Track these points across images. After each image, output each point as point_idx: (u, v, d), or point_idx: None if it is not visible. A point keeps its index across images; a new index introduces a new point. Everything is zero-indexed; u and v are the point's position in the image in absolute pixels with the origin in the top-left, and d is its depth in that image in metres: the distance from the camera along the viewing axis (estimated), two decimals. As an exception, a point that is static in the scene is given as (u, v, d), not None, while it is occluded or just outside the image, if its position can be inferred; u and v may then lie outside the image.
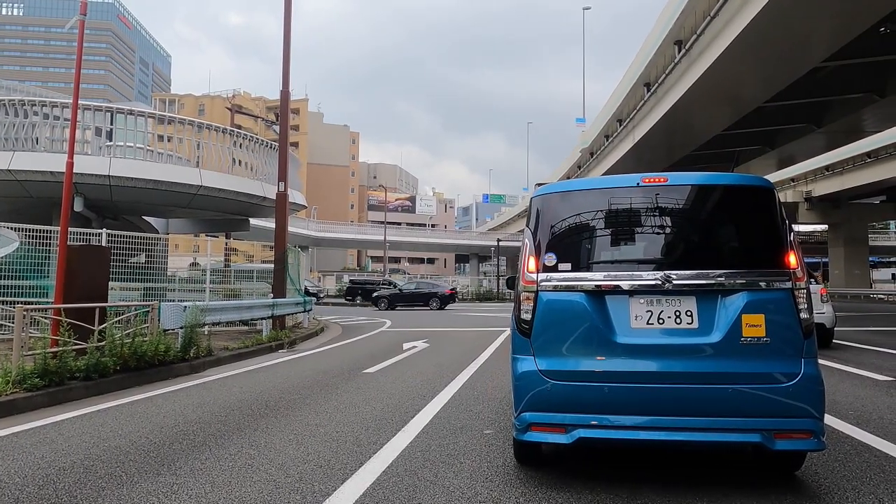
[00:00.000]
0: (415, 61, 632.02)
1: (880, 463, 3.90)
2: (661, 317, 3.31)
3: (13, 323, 6.54)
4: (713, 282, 3.29)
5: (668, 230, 3.58)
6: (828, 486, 3.43)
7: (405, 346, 11.36)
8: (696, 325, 3.27)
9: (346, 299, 35.28)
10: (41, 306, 7.82)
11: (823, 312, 10.33)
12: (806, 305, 3.25)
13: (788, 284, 3.25)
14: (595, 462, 3.91)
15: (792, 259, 3.30)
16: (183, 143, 15.00)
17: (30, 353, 6.31)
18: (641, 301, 3.35)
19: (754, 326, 3.19)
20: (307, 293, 37.70)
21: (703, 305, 3.29)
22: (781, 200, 3.57)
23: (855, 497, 3.26)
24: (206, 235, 19.68)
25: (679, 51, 20.29)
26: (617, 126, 30.69)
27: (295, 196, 16.90)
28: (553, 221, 3.66)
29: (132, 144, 13.87)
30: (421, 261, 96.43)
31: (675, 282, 3.30)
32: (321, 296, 40.20)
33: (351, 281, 38.29)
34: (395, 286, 33.10)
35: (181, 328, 8.54)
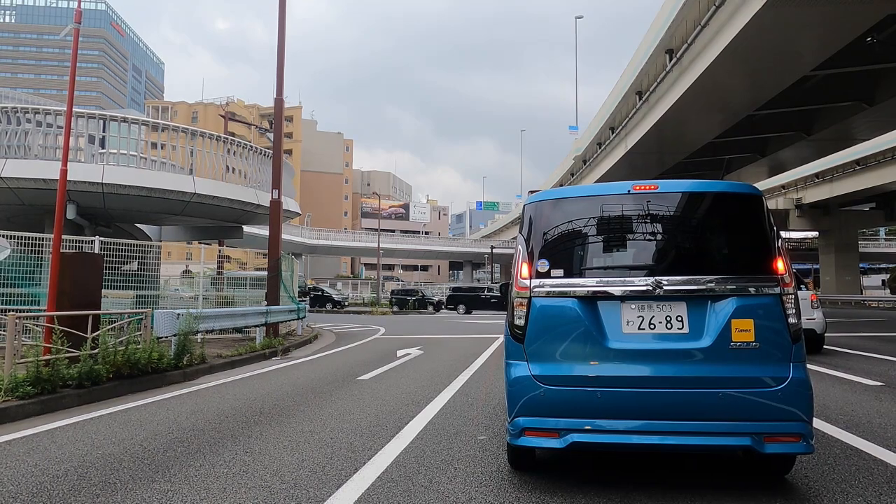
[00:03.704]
0: (403, 66, 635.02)
1: (869, 466, 3.95)
2: (652, 322, 3.36)
3: (5, 331, 6.51)
4: (703, 287, 3.34)
5: (658, 237, 3.63)
6: (817, 489, 3.48)
7: (399, 353, 11.36)
8: (686, 330, 3.32)
9: (448, 308, 34.88)
10: (34, 314, 7.80)
11: (814, 318, 10.40)
12: (794, 310, 3.31)
13: (776, 290, 3.31)
14: (588, 466, 3.94)
15: (780, 265, 3.36)
16: (176, 151, 14.96)
17: (22, 360, 6.28)
18: (633, 306, 3.40)
19: (743, 331, 3.24)
20: (333, 302, 37.44)
21: (693, 311, 3.34)
22: (772, 207, 3.66)
23: (844, 500, 3.30)
24: (200, 243, 19.61)
25: (670, 60, 20.48)
26: (609, 134, 30.89)
27: (289, 203, 16.90)
28: (546, 228, 3.71)
29: (125, 152, 13.84)
30: (415, 268, 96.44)
31: (665, 287, 3.35)
32: (346, 304, 39.31)
33: (454, 289, 38.59)
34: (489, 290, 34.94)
35: (175, 336, 8.52)
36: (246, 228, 20.13)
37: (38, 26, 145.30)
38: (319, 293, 38.87)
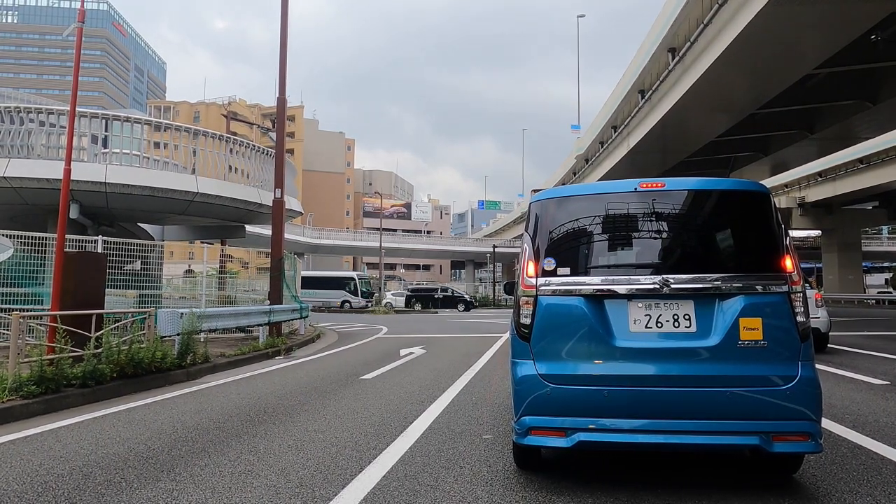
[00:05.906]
0: (404, 66, 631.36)
1: (876, 465, 3.93)
2: (659, 320, 3.34)
3: (9, 330, 6.51)
4: (710, 286, 3.32)
5: (665, 235, 3.61)
6: (825, 489, 3.46)
7: (402, 352, 11.35)
8: (694, 328, 3.30)
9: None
10: (37, 313, 7.80)
11: (818, 317, 10.40)
12: (802, 309, 3.29)
13: (785, 288, 3.28)
14: (595, 465, 3.92)
15: (788, 263, 3.34)
16: (179, 150, 14.95)
17: (26, 360, 6.27)
18: (640, 305, 3.38)
19: (751, 330, 3.22)
20: (465, 303, 35.94)
21: (700, 309, 3.32)
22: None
23: (852, 499, 3.28)
24: (202, 242, 19.62)
25: (673, 58, 20.44)
26: (612, 133, 30.84)
27: (291, 203, 16.89)
28: (552, 226, 3.69)
29: (128, 151, 13.85)
30: (416, 267, 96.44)
31: (672, 286, 3.33)
32: (476, 304, 37.53)
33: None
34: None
35: (178, 335, 8.52)
36: (248, 228, 20.13)
37: (41, 26, 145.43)
38: (449, 294, 37.04)
